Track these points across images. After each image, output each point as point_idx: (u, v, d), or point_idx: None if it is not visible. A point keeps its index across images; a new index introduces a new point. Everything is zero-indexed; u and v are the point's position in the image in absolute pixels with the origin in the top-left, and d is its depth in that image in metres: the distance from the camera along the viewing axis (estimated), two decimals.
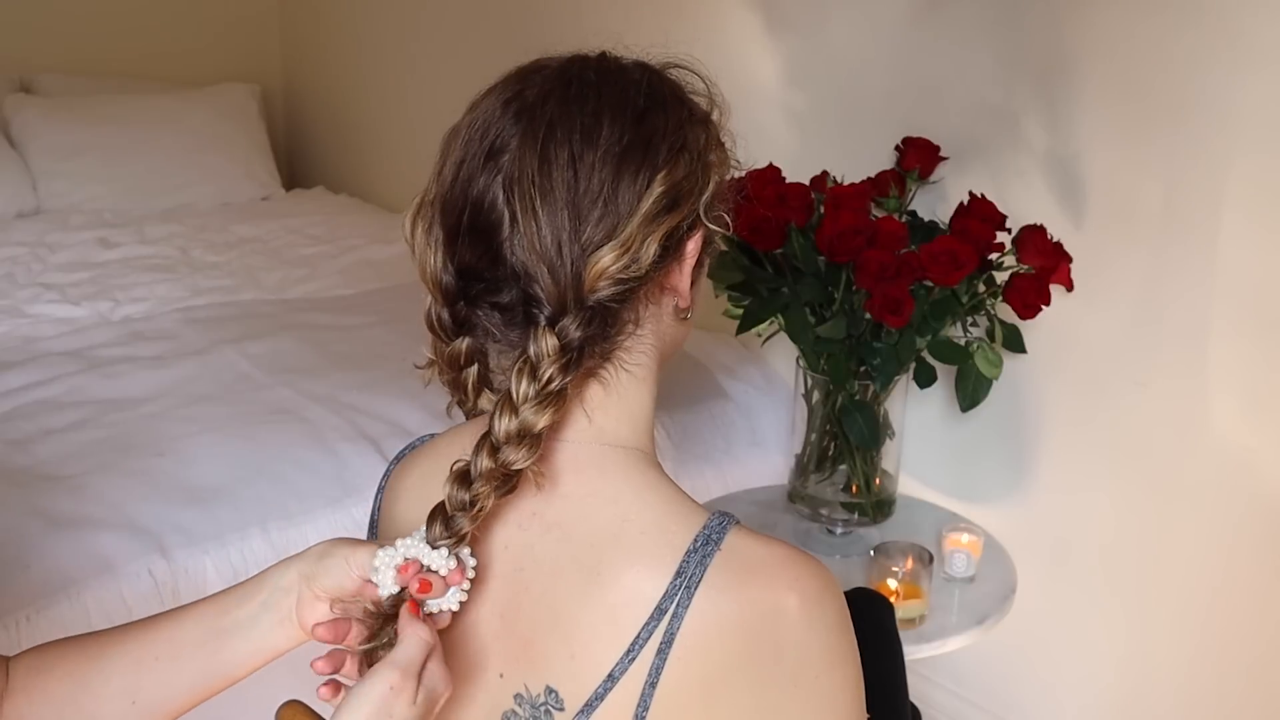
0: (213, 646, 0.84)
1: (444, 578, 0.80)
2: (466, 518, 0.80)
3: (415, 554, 0.80)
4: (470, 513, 0.80)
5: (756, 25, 2.37)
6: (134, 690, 0.84)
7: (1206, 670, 1.92)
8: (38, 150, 3.36)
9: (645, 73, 0.87)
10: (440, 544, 0.80)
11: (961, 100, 2.05)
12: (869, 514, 1.95)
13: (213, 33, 3.85)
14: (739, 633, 0.80)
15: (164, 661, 0.84)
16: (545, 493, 0.86)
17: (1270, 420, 1.77)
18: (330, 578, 0.82)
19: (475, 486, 0.80)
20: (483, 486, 0.80)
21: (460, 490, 0.80)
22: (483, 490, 0.80)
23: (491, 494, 0.80)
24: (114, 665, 0.85)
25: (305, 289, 2.88)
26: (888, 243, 1.74)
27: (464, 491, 0.80)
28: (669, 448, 2.20)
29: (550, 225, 0.80)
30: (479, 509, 0.81)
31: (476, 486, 0.80)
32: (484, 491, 0.80)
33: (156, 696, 0.85)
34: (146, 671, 0.85)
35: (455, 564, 0.81)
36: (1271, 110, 1.68)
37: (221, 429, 2.09)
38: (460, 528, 0.80)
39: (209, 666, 0.85)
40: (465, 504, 0.80)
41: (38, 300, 2.70)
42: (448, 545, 0.80)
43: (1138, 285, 1.88)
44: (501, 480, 0.81)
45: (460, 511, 0.80)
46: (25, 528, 1.78)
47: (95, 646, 0.87)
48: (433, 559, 0.80)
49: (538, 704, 0.85)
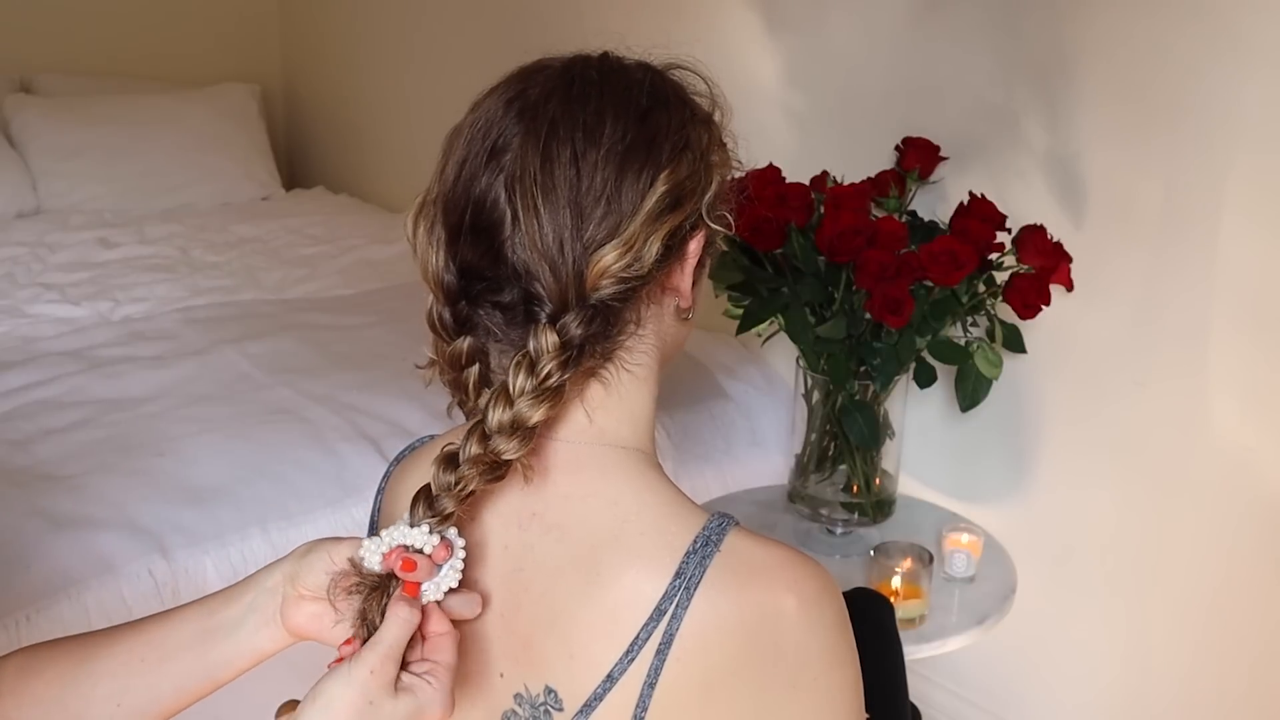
0: (199, 649, 0.84)
1: (429, 555, 0.79)
2: (450, 498, 0.80)
3: (398, 537, 0.79)
4: (453, 492, 0.80)
5: (756, 25, 2.37)
6: (120, 693, 0.84)
7: (1206, 670, 1.92)
8: (38, 150, 3.36)
9: (647, 73, 0.87)
10: (422, 522, 0.80)
11: (961, 100, 2.05)
12: (869, 514, 1.95)
13: (213, 33, 3.85)
14: (738, 634, 0.80)
15: (150, 664, 0.84)
16: (545, 493, 0.86)
17: (1270, 420, 1.77)
18: (314, 575, 0.82)
19: (461, 469, 0.80)
20: (468, 470, 0.80)
21: (446, 473, 0.80)
22: (468, 474, 0.80)
23: (477, 477, 0.80)
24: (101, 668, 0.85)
25: (305, 289, 2.88)
26: (888, 243, 1.74)
27: (449, 474, 0.80)
28: (669, 448, 2.20)
29: (552, 223, 0.80)
30: (462, 488, 0.80)
31: (462, 470, 0.80)
32: (469, 475, 0.80)
33: (142, 699, 0.85)
34: (133, 674, 0.84)
35: (439, 540, 0.79)
36: (1271, 110, 1.68)
37: (221, 429, 2.09)
38: (444, 508, 0.80)
39: (195, 669, 0.85)
40: (449, 485, 0.80)
41: (38, 300, 2.71)
42: (430, 523, 0.80)
43: (1138, 285, 1.88)
44: (488, 467, 0.80)
45: (444, 492, 0.80)
46: (25, 528, 1.78)
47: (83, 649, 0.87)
48: (414, 537, 0.79)
49: (537, 704, 0.85)
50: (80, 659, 0.86)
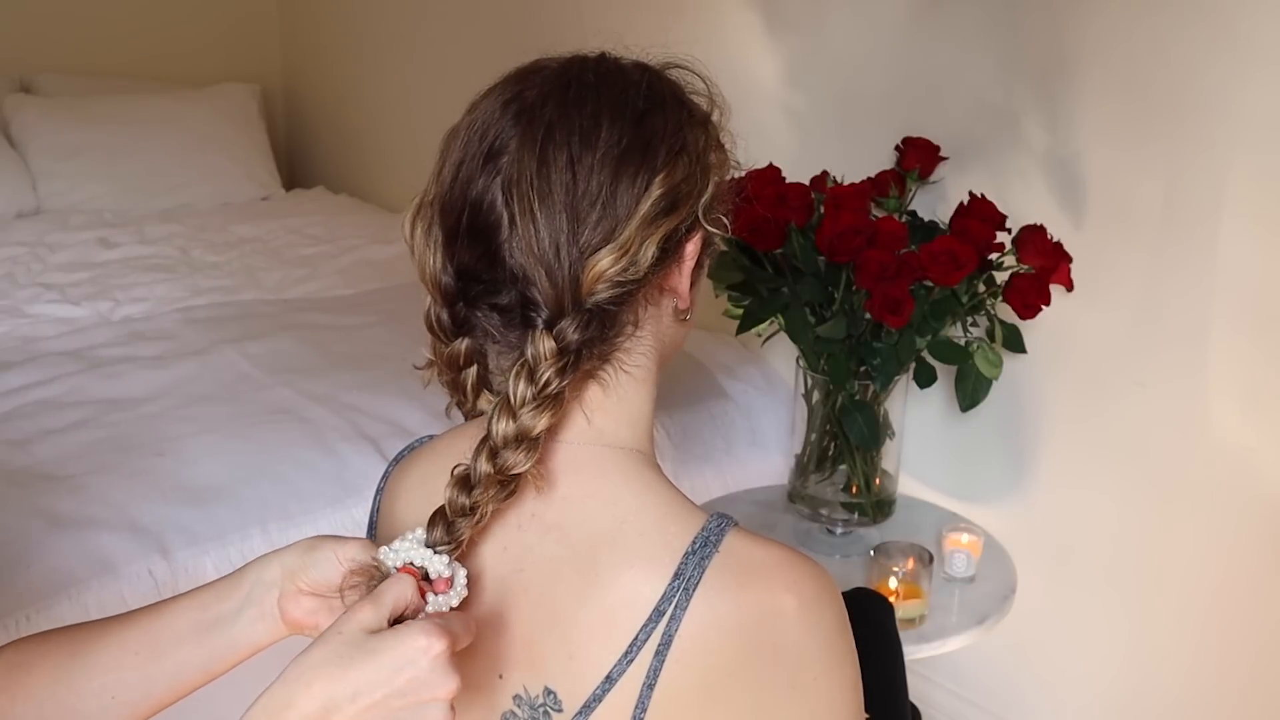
0: (195, 642, 0.84)
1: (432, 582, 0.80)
2: (467, 525, 0.80)
3: (412, 557, 0.79)
4: (471, 519, 0.80)
5: (756, 25, 2.37)
6: (114, 686, 0.84)
7: (1206, 670, 1.92)
8: (38, 150, 3.36)
9: (645, 74, 0.87)
10: (441, 550, 0.80)
11: (961, 100, 2.05)
12: (869, 514, 1.95)
13: (213, 33, 3.85)
14: (737, 634, 0.80)
15: (144, 657, 0.84)
16: (544, 494, 0.86)
17: (1270, 420, 1.77)
18: (318, 570, 0.82)
19: (475, 493, 0.80)
20: (482, 494, 0.80)
21: (461, 495, 0.80)
22: (483, 497, 0.80)
23: (492, 500, 0.80)
24: (95, 661, 0.85)
25: (305, 289, 2.88)
26: (888, 243, 1.74)
27: (465, 496, 0.80)
28: (669, 448, 2.20)
29: (548, 227, 0.80)
30: (480, 517, 0.80)
31: (477, 493, 0.80)
32: (485, 498, 0.80)
33: (137, 692, 0.84)
34: (127, 668, 0.84)
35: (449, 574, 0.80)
36: (1271, 110, 1.68)
37: (221, 429, 2.09)
38: (461, 534, 0.80)
39: (190, 662, 0.84)
40: (466, 509, 0.80)
41: (38, 300, 2.71)
42: (447, 551, 0.80)
43: (1138, 285, 1.88)
44: (501, 485, 0.80)
45: (461, 517, 0.80)
46: (26, 528, 1.78)
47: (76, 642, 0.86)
48: (431, 562, 0.79)
49: (536, 705, 0.85)
50: (73, 652, 0.85)
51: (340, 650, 0.72)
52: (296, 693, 0.72)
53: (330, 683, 0.72)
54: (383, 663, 0.72)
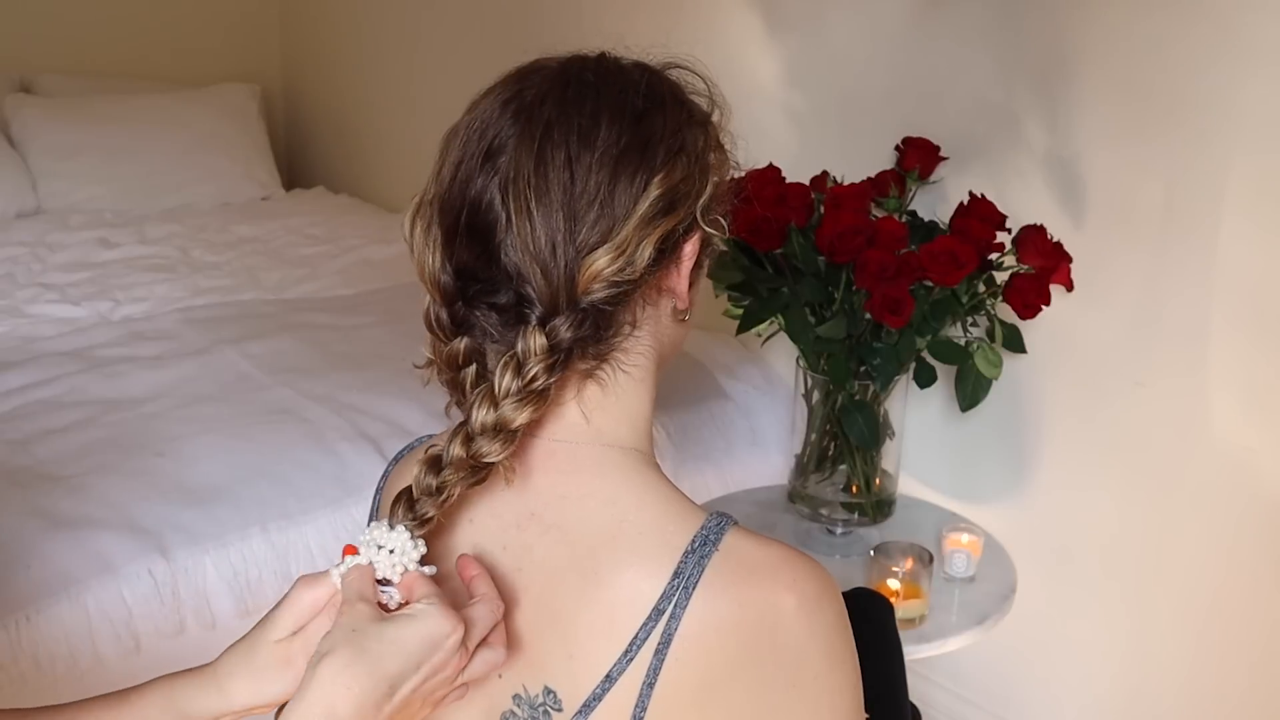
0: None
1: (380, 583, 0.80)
2: (432, 503, 0.81)
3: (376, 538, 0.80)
4: (436, 499, 0.81)
5: (756, 25, 2.37)
6: None
7: (1207, 670, 1.92)
8: (38, 150, 3.36)
9: (644, 74, 0.87)
10: (399, 524, 0.81)
11: (961, 100, 2.05)
12: (869, 514, 1.95)
13: (213, 33, 3.85)
14: (737, 633, 0.80)
15: None
16: (544, 494, 0.86)
17: (1270, 420, 1.77)
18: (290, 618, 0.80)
19: (445, 474, 0.81)
20: (451, 474, 0.81)
21: (429, 475, 0.81)
22: (451, 478, 0.81)
23: (459, 483, 0.81)
24: None
25: (305, 289, 2.88)
26: (888, 243, 1.74)
27: (432, 477, 0.81)
28: (669, 448, 2.20)
29: (545, 226, 0.80)
30: (445, 496, 0.81)
31: (446, 474, 0.81)
32: (452, 479, 0.81)
33: None
34: None
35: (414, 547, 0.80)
36: (1271, 110, 1.68)
37: (221, 429, 2.09)
38: (424, 512, 0.81)
39: None
40: (432, 489, 0.81)
41: (38, 300, 2.70)
42: (409, 526, 0.81)
43: (1138, 285, 1.88)
44: (470, 470, 0.81)
45: (426, 496, 0.81)
46: (25, 528, 1.78)
47: None
48: (391, 539, 0.80)
49: (536, 704, 0.85)
50: None
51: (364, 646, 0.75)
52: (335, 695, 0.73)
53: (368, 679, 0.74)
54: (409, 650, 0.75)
